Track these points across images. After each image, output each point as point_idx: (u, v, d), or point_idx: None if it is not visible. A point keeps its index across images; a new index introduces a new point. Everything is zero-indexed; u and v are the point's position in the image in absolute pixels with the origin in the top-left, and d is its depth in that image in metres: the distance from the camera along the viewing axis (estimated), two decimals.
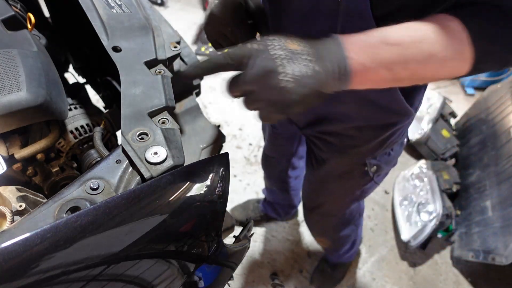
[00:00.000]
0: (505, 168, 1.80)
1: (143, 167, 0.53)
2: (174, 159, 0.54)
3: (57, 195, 0.50)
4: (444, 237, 2.01)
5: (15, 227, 0.46)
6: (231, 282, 0.75)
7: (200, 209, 0.54)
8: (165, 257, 0.52)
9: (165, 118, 0.61)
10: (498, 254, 1.64)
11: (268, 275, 1.86)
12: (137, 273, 0.48)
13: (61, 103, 0.70)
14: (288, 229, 2.04)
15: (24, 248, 0.38)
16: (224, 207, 0.57)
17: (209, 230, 0.57)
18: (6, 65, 0.65)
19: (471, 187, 1.99)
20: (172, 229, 0.51)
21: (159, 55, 0.72)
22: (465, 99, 2.82)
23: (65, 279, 0.41)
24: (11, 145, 0.70)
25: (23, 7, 0.89)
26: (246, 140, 2.38)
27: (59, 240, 0.40)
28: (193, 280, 0.61)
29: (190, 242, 0.55)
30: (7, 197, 0.56)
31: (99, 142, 0.74)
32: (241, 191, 2.15)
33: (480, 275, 1.94)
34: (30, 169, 0.74)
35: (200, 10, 3.26)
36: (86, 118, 0.85)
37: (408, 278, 1.92)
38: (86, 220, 0.42)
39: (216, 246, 0.60)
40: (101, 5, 0.76)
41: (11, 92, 0.61)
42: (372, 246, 2.02)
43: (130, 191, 0.47)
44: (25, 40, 0.73)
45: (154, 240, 0.49)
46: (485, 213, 1.82)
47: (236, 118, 2.47)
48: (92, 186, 0.52)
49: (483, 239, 1.76)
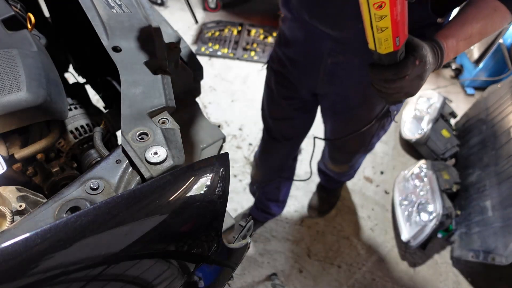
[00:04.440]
0: (505, 168, 1.80)
1: (143, 167, 0.53)
2: (174, 159, 0.54)
3: (57, 195, 0.50)
4: (444, 237, 2.01)
5: (15, 227, 0.46)
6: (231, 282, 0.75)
7: (200, 209, 0.54)
8: (165, 257, 0.52)
9: (165, 118, 0.61)
10: (498, 254, 1.64)
11: (268, 275, 1.86)
12: (137, 273, 0.48)
13: (61, 103, 0.70)
14: (288, 229, 2.04)
15: (24, 248, 0.38)
16: (224, 207, 0.57)
17: (209, 230, 0.57)
18: (6, 65, 0.65)
19: (471, 187, 1.99)
20: (172, 229, 0.51)
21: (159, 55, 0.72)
22: (465, 99, 2.82)
23: (65, 279, 0.41)
24: (11, 145, 0.70)
25: (23, 7, 0.89)
26: (246, 140, 2.38)
27: (59, 240, 0.40)
28: (193, 280, 0.61)
29: (190, 242, 0.55)
30: (7, 197, 0.56)
31: (99, 142, 0.74)
32: (241, 191, 2.15)
33: (480, 275, 1.95)
34: (30, 169, 0.74)
35: (200, 10, 3.26)
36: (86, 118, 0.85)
37: (408, 278, 1.92)
38: (86, 220, 0.42)
39: (216, 246, 0.60)
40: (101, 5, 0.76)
41: (11, 92, 0.61)
42: (372, 246, 2.02)
43: (130, 191, 0.47)
44: (25, 40, 0.73)
45: (154, 240, 0.49)
46: (485, 213, 1.82)
47: (236, 118, 2.47)
48: (92, 186, 0.52)
49: (483, 239, 1.76)
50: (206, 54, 2.86)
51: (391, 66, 0.69)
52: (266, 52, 2.90)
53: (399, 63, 0.69)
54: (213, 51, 2.88)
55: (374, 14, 0.58)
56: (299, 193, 2.16)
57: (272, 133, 1.49)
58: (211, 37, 2.99)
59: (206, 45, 2.92)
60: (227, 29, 3.06)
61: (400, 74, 0.69)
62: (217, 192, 0.55)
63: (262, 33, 3.06)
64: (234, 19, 3.18)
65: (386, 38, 0.63)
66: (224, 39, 2.98)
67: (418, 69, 0.70)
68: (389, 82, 0.71)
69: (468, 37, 0.80)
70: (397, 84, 0.71)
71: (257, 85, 2.69)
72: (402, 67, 0.68)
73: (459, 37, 0.79)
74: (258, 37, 3.03)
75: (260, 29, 3.09)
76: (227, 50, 2.90)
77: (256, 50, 2.92)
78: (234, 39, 2.99)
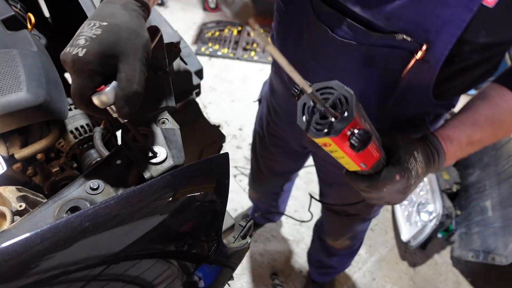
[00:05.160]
0: (505, 168, 1.80)
1: (143, 167, 0.53)
2: (174, 159, 0.54)
3: (57, 195, 0.50)
4: (444, 237, 2.01)
5: (15, 227, 0.46)
6: (231, 282, 0.75)
7: (200, 209, 0.54)
8: (165, 257, 0.52)
9: (165, 118, 0.61)
10: (498, 254, 1.64)
11: (268, 275, 1.86)
12: (137, 273, 0.48)
13: (61, 103, 0.70)
14: (288, 229, 2.04)
15: (24, 248, 0.38)
16: (224, 207, 0.57)
17: (209, 230, 0.57)
18: (6, 65, 0.65)
19: (471, 187, 1.99)
20: (172, 229, 0.51)
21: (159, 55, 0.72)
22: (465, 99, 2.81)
23: (65, 279, 0.41)
24: (11, 145, 0.70)
25: (23, 7, 0.89)
26: (246, 140, 2.38)
27: (59, 240, 0.40)
28: (193, 280, 0.61)
29: (190, 242, 0.55)
30: (7, 197, 0.56)
31: (99, 142, 0.74)
32: (241, 191, 2.15)
33: (480, 275, 1.94)
34: (30, 169, 0.74)
35: (200, 10, 3.26)
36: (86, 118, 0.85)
37: (408, 278, 1.92)
38: (86, 220, 0.42)
39: (216, 246, 0.60)
40: None
41: (11, 92, 0.61)
42: (372, 246, 2.01)
43: (130, 191, 0.47)
44: (25, 40, 0.73)
45: (154, 240, 0.49)
46: (485, 213, 1.82)
47: (236, 118, 2.47)
48: (92, 186, 0.52)
49: (483, 239, 1.76)
50: (206, 54, 2.86)
51: (365, 177, 0.60)
52: (266, 52, 2.90)
53: (374, 175, 0.58)
54: (213, 51, 2.88)
55: (324, 148, 0.50)
56: (299, 193, 2.16)
57: (261, 169, 1.41)
58: (211, 37, 2.99)
59: (206, 45, 2.92)
60: (227, 29, 3.06)
61: (374, 188, 0.59)
62: (217, 192, 0.55)
63: (262, 33, 3.06)
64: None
65: (347, 162, 0.54)
66: (224, 39, 2.98)
67: (398, 184, 0.59)
68: (365, 192, 0.63)
69: (477, 141, 0.68)
70: (373, 195, 0.62)
71: (257, 85, 2.68)
72: (377, 181, 0.58)
73: (466, 141, 0.67)
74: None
75: (260, 29, 3.09)
76: (227, 50, 2.90)
77: (256, 50, 2.92)
78: (234, 39, 2.99)
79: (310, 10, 0.68)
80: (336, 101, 0.45)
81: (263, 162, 1.37)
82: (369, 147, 0.50)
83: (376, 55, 0.64)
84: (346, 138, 0.45)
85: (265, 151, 1.29)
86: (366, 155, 0.52)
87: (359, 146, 0.45)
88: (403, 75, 0.64)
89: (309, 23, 0.70)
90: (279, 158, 1.27)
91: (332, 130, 0.44)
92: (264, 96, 1.16)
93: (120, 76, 0.45)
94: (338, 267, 1.66)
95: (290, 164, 1.32)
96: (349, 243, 1.40)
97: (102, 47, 0.44)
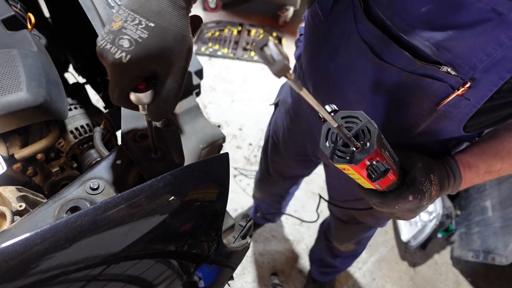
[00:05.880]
0: None
1: (143, 167, 0.53)
2: (174, 159, 0.54)
3: (57, 195, 0.51)
4: (444, 237, 2.01)
5: (15, 227, 0.46)
6: (231, 282, 0.75)
7: (200, 209, 0.54)
8: (165, 257, 0.52)
9: (165, 118, 0.61)
10: (498, 254, 1.64)
11: (268, 275, 1.86)
12: (137, 273, 0.48)
13: (61, 103, 0.70)
14: (288, 229, 2.04)
15: (24, 248, 0.38)
16: (224, 207, 0.57)
17: (209, 230, 0.57)
18: (6, 65, 0.65)
19: (471, 187, 1.99)
20: (172, 229, 0.51)
21: None
22: None
23: (65, 279, 0.41)
24: (11, 145, 0.70)
25: (23, 7, 0.89)
26: (246, 140, 2.37)
27: (59, 240, 0.40)
28: (193, 280, 0.61)
29: (190, 242, 0.55)
30: (7, 197, 0.56)
31: (99, 142, 0.74)
32: (241, 191, 2.15)
33: (480, 275, 1.95)
34: (30, 169, 0.74)
35: (200, 10, 3.26)
36: (86, 118, 0.85)
37: (408, 278, 1.92)
38: (86, 220, 0.42)
39: (216, 246, 0.60)
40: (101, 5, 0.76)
41: (11, 92, 0.61)
42: (372, 246, 2.01)
43: (130, 191, 0.47)
44: (25, 40, 0.73)
45: (154, 240, 0.49)
46: (485, 213, 1.82)
47: (236, 118, 2.47)
48: (92, 186, 0.52)
49: (483, 239, 1.77)
50: (206, 54, 2.86)
51: (379, 194, 0.60)
52: None
53: (388, 192, 0.60)
54: (213, 51, 2.88)
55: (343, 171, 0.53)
56: (299, 193, 2.16)
57: (269, 171, 1.42)
58: (211, 37, 2.99)
59: (206, 45, 2.92)
60: (227, 29, 3.06)
61: (386, 205, 0.61)
62: (217, 192, 0.55)
63: (262, 33, 3.06)
64: (234, 19, 3.18)
65: (363, 182, 0.57)
66: (224, 39, 2.98)
67: (411, 203, 0.60)
68: (377, 207, 0.64)
69: (496, 171, 0.68)
70: (385, 210, 0.64)
71: (257, 85, 2.69)
72: (390, 199, 0.59)
73: (485, 170, 0.67)
74: (258, 37, 3.03)
75: (260, 29, 3.09)
76: (227, 50, 2.90)
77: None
78: (234, 39, 2.99)
79: (353, 25, 0.63)
80: (359, 132, 0.48)
81: (273, 166, 1.37)
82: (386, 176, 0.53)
83: (415, 83, 0.60)
84: (365, 167, 0.49)
85: (277, 156, 1.28)
86: (382, 180, 0.55)
87: (376, 177, 0.49)
88: (438, 107, 0.60)
89: (349, 38, 0.66)
90: (290, 164, 1.27)
91: (353, 160, 0.48)
92: (282, 101, 1.13)
93: (162, 86, 0.45)
94: (340, 267, 1.67)
95: (301, 170, 1.33)
96: (354, 247, 1.42)
97: (147, 55, 0.42)
